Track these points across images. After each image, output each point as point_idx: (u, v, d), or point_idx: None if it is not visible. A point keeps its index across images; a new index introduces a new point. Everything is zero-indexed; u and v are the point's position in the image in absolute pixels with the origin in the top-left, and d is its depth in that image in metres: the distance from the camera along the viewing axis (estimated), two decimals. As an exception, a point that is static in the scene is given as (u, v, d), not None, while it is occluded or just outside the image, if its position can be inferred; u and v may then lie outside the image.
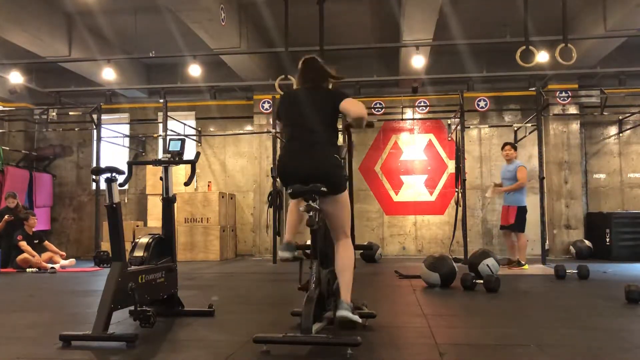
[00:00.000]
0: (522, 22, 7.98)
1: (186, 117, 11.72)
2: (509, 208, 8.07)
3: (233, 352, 3.06)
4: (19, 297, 5.88)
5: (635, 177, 11.09)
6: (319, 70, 3.59)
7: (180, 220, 10.37)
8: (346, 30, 9.96)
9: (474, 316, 4.38)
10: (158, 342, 3.40)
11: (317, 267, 3.31)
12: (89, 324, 3.40)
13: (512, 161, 8.20)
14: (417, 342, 3.39)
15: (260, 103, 10.85)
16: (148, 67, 12.14)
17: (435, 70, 10.51)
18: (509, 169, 8.18)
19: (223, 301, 5.01)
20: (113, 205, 3.55)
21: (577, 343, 3.32)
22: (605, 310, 4.42)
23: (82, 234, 12.13)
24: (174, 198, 4.32)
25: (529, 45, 7.92)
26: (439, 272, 5.84)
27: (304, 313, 3.07)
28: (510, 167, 8.16)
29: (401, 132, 11.57)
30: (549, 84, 10.69)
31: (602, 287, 6.04)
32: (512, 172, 8.08)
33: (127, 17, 9.30)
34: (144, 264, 3.90)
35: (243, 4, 9.09)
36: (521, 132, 10.93)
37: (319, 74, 3.59)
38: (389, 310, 4.53)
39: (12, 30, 8.49)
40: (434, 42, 9.06)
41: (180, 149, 4.22)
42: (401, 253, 11.35)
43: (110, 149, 11.06)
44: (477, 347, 3.25)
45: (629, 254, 9.51)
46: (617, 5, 8.24)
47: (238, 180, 11.88)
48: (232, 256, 11.20)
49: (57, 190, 12.31)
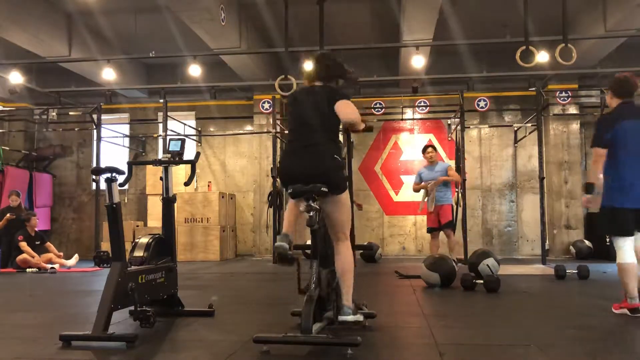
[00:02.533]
0: (522, 22, 7.97)
1: (186, 117, 11.73)
2: (443, 207, 7.80)
3: (233, 352, 3.06)
4: (19, 297, 5.88)
5: (635, 177, 11.07)
6: (327, 67, 3.56)
7: (180, 220, 10.36)
8: (346, 30, 9.96)
9: (474, 316, 4.38)
10: (158, 342, 3.40)
11: (317, 267, 3.31)
12: (89, 324, 3.40)
13: (436, 163, 8.06)
14: (417, 342, 3.39)
15: (260, 103, 10.85)
16: (148, 67, 12.14)
17: (435, 70, 10.51)
18: (435, 169, 7.95)
19: (223, 301, 5.01)
20: (113, 205, 3.55)
21: (577, 343, 3.32)
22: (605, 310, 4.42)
23: (82, 234, 12.12)
24: (174, 198, 4.32)
25: (529, 45, 7.92)
26: (439, 272, 5.84)
27: (304, 313, 3.07)
28: (437, 167, 7.96)
29: (401, 132, 11.57)
30: (549, 84, 10.69)
31: (602, 287, 6.04)
32: (440, 173, 7.87)
33: (127, 17, 9.30)
34: (144, 264, 3.89)
35: (243, 4, 9.09)
36: (521, 132, 10.93)
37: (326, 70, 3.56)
38: (389, 310, 4.53)
39: (12, 30, 8.49)
40: (434, 42, 9.06)
41: (180, 149, 4.22)
42: (401, 253, 11.35)
43: (110, 149, 11.06)
44: (477, 347, 3.25)
45: (629, 254, 9.48)
46: (617, 5, 8.24)
47: (238, 180, 11.88)
48: (232, 256, 11.19)
49: (57, 190, 12.30)
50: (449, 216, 7.79)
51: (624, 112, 4.09)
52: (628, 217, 4.00)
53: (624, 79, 4.19)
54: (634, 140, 4.01)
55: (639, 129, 4.03)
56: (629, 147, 4.01)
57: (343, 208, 3.44)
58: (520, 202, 11.17)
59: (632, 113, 4.08)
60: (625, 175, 4.01)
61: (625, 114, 4.08)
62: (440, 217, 7.79)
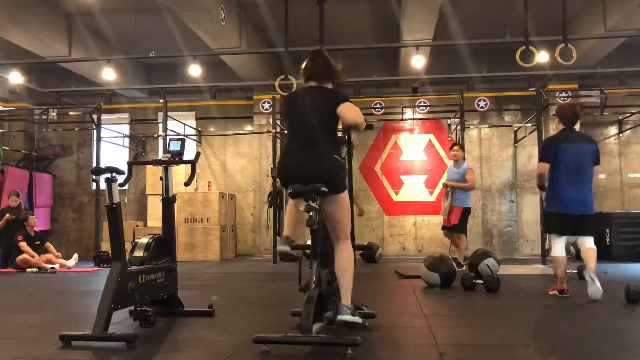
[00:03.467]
0: (522, 22, 7.97)
1: (186, 117, 11.72)
2: (453, 209, 7.82)
3: (233, 352, 3.06)
4: (19, 297, 5.88)
5: (635, 177, 11.09)
6: (323, 66, 3.56)
7: (180, 220, 10.36)
8: (346, 30, 9.96)
9: (474, 316, 4.38)
10: (158, 342, 3.40)
11: (317, 267, 3.31)
12: (89, 324, 3.40)
13: (460, 162, 8.03)
14: (417, 342, 3.39)
15: (260, 103, 10.85)
16: (148, 67, 12.14)
17: (435, 70, 10.51)
18: (456, 170, 7.96)
19: (223, 301, 5.01)
20: (113, 205, 3.55)
21: (576, 343, 3.32)
22: (605, 310, 4.42)
23: (82, 234, 12.12)
24: (174, 198, 4.31)
25: (529, 45, 7.92)
26: (439, 272, 5.84)
27: (304, 313, 3.07)
28: (459, 168, 7.94)
29: (401, 132, 11.58)
30: (549, 84, 10.69)
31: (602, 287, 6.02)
32: (459, 174, 7.86)
33: (127, 17, 9.30)
34: (144, 264, 3.89)
35: (243, 4, 9.09)
36: (521, 132, 10.93)
37: (323, 70, 3.55)
38: (389, 310, 4.53)
39: (12, 30, 8.49)
40: (434, 42, 9.07)
41: (180, 149, 4.22)
42: (401, 253, 11.35)
43: (110, 149, 11.05)
44: (477, 347, 3.25)
45: (629, 254, 9.50)
46: (617, 5, 8.24)
47: (238, 180, 11.88)
48: (232, 256, 11.19)
49: (57, 190, 12.30)
50: (455, 219, 7.80)
51: (565, 137, 5.13)
52: (562, 220, 5.04)
53: (569, 110, 5.27)
54: (569, 160, 5.01)
55: (574, 151, 5.03)
56: (565, 165, 5.02)
57: (343, 208, 3.44)
58: (520, 202, 11.17)
59: (571, 138, 5.12)
60: (560, 187, 5.04)
61: (565, 139, 5.11)
62: (450, 218, 7.85)
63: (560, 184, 5.04)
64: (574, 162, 5.00)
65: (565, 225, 5.04)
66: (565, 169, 5.01)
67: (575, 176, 5.01)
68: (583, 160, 5.03)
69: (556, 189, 5.08)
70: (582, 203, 5.01)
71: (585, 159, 5.05)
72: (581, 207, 5.00)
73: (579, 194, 5.01)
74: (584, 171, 5.04)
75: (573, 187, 5.00)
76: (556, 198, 5.08)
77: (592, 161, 5.08)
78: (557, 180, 5.06)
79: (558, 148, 5.05)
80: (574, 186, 5.00)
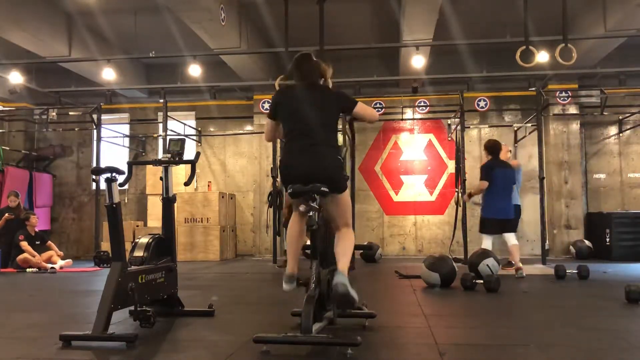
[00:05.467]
0: (522, 22, 7.97)
1: (186, 117, 11.72)
2: None
3: (233, 352, 3.06)
4: (19, 297, 5.88)
5: (635, 177, 11.09)
6: (314, 67, 3.58)
7: (180, 220, 10.37)
8: (346, 30, 9.95)
9: (474, 316, 4.38)
10: (158, 342, 3.40)
11: (317, 267, 3.31)
12: (89, 324, 3.40)
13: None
14: (417, 342, 3.38)
15: (260, 103, 10.84)
16: (148, 67, 12.13)
17: (435, 70, 10.51)
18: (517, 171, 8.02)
19: (223, 301, 5.01)
20: (113, 205, 3.55)
21: (577, 343, 3.32)
22: (605, 310, 4.43)
23: (82, 234, 12.12)
24: (174, 198, 4.31)
25: (529, 45, 7.92)
26: (439, 272, 5.84)
27: (304, 313, 3.07)
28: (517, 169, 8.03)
29: (401, 132, 11.57)
30: (549, 84, 10.68)
31: (602, 287, 6.04)
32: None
33: (127, 17, 9.30)
34: (144, 264, 3.89)
35: (243, 4, 9.09)
36: (521, 132, 10.93)
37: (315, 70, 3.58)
38: (389, 310, 4.53)
39: (12, 30, 8.49)
40: (434, 42, 9.06)
41: (180, 149, 4.22)
42: (401, 253, 11.34)
43: (110, 149, 11.06)
44: (477, 347, 3.25)
45: (629, 254, 9.50)
46: (617, 5, 8.24)
47: (238, 180, 11.88)
48: (232, 256, 11.19)
49: (57, 190, 12.30)
50: None
51: (497, 164, 7.04)
52: (492, 223, 6.93)
53: (494, 145, 7.15)
54: (500, 180, 6.92)
55: (502, 174, 6.98)
56: (497, 183, 6.91)
57: (344, 207, 3.46)
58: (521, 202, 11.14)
59: (499, 165, 7.04)
60: (494, 199, 6.93)
61: (497, 165, 7.03)
62: None
63: (495, 197, 6.91)
64: (502, 182, 6.92)
65: (497, 226, 6.91)
66: (497, 186, 6.89)
67: (503, 191, 6.94)
68: (508, 180, 7.06)
69: (492, 201, 6.93)
70: (509, 210, 7.00)
71: (510, 179, 7.12)
72: (509, 213, 6.99)
73: (507, 204, 6.97)
74: (509, 187, 7.07)
75: (503, 199, 6.93)
76: (491, 207, 6.95)
77: (512, 181, 7.19)
78: (493, 194, 6.92)
79: (493, 172, 6.93)
80: (503, 198, 6.93)
